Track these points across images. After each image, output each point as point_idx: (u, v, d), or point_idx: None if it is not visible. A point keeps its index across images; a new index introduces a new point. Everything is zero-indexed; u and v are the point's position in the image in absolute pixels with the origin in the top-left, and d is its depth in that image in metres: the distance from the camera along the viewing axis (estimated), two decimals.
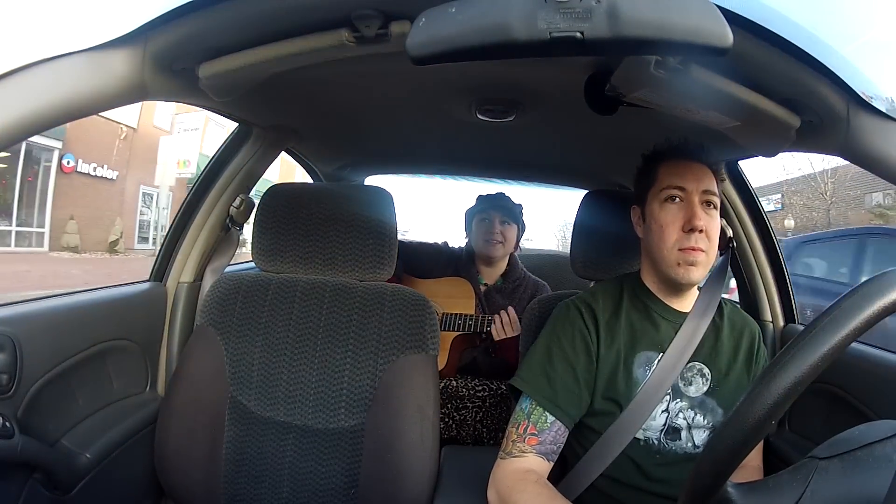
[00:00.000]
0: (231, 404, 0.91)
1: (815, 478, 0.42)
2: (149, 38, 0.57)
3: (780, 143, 0.73)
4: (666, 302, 0.86)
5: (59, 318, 0.88)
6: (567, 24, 0.44)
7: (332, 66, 0.68)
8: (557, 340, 0.85)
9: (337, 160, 1.70)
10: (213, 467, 0.90)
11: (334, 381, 0.91)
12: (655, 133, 0.91)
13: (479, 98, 1.02)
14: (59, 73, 0.50)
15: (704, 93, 0.65)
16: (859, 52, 18.88)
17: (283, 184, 1.06)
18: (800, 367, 0.38)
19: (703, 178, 0.82)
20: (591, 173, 1.68)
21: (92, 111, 0.55)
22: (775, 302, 1.14)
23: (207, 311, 0.96)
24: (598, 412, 0.82)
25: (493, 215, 1.63)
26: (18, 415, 0.75)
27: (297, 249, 0.99)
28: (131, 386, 1.04)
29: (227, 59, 0.66)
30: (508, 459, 0.79)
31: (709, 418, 0.82)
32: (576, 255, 1.02)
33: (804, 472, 0.43)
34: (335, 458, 0.89)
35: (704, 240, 0.80)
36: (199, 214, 1.16)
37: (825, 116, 0.63)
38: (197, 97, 0.77)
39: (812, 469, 0.43)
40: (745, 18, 0.51)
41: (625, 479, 0.80)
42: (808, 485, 0.42)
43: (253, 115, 1.11)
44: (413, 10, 0.49)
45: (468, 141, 1.38)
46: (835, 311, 0.39)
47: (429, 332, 0.92)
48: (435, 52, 0.47)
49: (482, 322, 1.52)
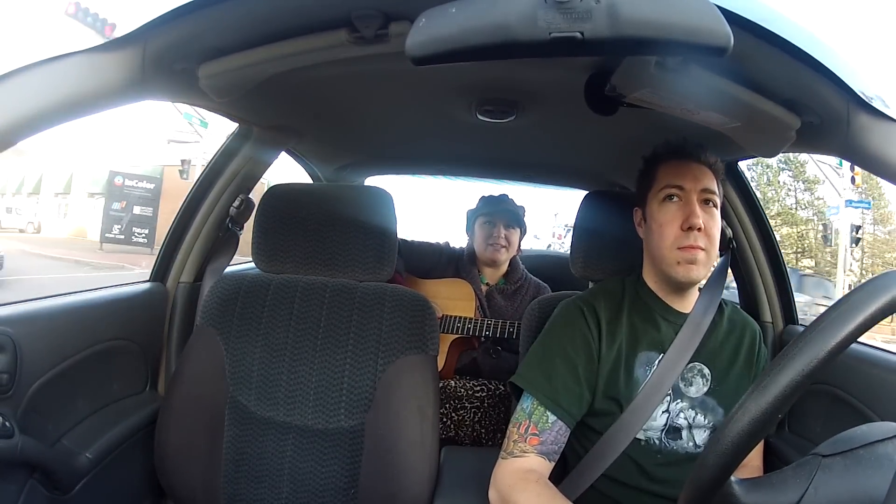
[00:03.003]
0: (231, 404, 0.91)
1: (819, 474, 0.42)
2: (148, 39, 0.57)
3: (780, 144, 0.73)
4: (667, 302, 0.86)
5: (59, 318, 0.88)
6: (567, 25, 0.44)
7: (332, 66, 0.68)
8: (559, 340, 0.85)
9: (337, 160, 1.70)
10: (212, 467, 0.90)
11: (334, 381, 0.91)
12: (655, 133, 0.91)
13: (479, 98, 1.02)
14: (59, 73, 0.50)
15: (704, 93, 0.65)
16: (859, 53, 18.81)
17: (283, 184, 1.06)
18: (810, 356, 0.38)
19: (701, 177, 0.82)
20: (591, 174, 1.68)
21: (92, 111, 0.55)
22: (775, 303, 1.14)
23: (207, 311, 0.96)
24: (598, 412, 0.82)
25: (498, 219, 1.62)
26: (18, 415, 0.74)
27: (296, 250, 0.99)
28: (131, 386, 1.04)
29: (227, 59, 0.66)
30: (510, 459, 0.79)
31: (709, 418, 0.82)
32: (576, 256, 1.02)
33: (808, 469, 0.43)
34: (335, 458, 0.89)
35: (704, 238, 0.80)
36: (200, 214, 1.16)
37: (825, 117, 0.63)
38: (197, 97, 0.77)
39: (816, 466, 0.43)
40: (745, 18, 0.50)
41: (626, 480, 0.80)
42: (811, 481, 0.42)
43: (253, 115, 1.11)
44: (413, 10, 0.49)
45: (468, 141, 1.38)
46: (836, 312, 0.39)
47: (429, 332, 0.92)
48: (435, 53, 0.47)
49: (481, 326, 1.52)
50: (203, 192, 1.17)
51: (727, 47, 0.44)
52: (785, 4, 0.54)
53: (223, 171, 1.17)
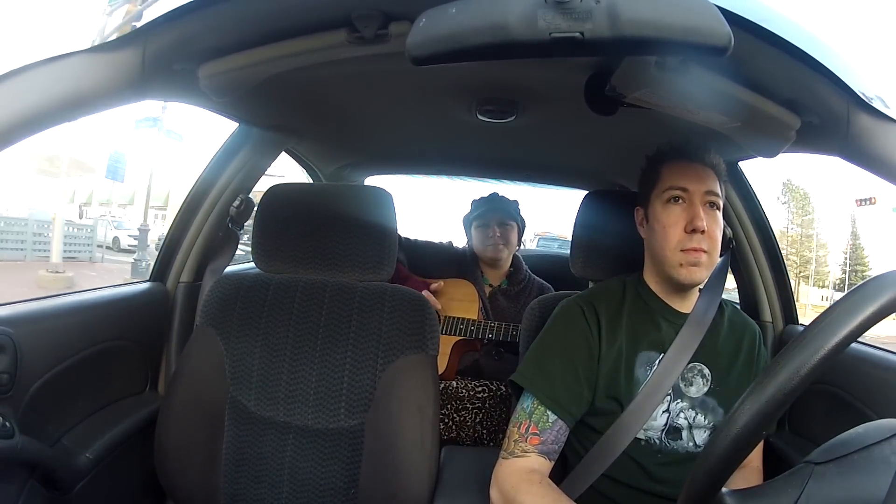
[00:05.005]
0: (231, 404, 0.91)
1: (811, 483, 0.42)
2: (148, 39, 0.57)
3: (780, 144, 0.73)
4: (667, 302, 0.86)
5: (59, 318, 0.88)
6: (567, 25, 0.44)
7: (333, 67, 0.68)
8: (559, 339, 0.85)
9: (337, 160, 1.70)
10: (212, 467, 0.90)
11: (334, 381, 0.91)
12: (655, 133, 0.91)
13: (479, 98, 1.02)
14: (59, 73, 0.50)
15: (704, 93, 0.65)
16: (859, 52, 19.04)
17: (283, 184, 1.06)
18: (789, 378, 0.38)
19: (705, 179, 0.82)
20: (591, 173, 1.68)
21: (92, 111, 0.55)
22: (775, 303, 1.14)
23: (207, 311, 0.96)
24: (599, 411, 0.82)
25: (491, 219, 1.62)
26: (18, 415, 0.74)
27: (297, 250, 0.99)
28: (131, 386, 1.04)
29: (227, 59, 0.66)
30: (511, 459, 0.79)
31: (710, 418, 0.82)
32: (576, 256, 1.02)
33: (799, 478, 0.42)
34: (335, 458, 0.89)
35: (707, 240, 0.80)
36: (200, 214, 1.16)
37: (825, 117, 0.63)
38: (197, 97, 0.77)
39: (807, 474, 0.42)
40: (745, 18, 0.50)
41: (626, 480, 0.80)
42: (803, 490, 0.41)
43: (253, 115, 1.11)
44: (413, 10, 0.49)
45: (468, 141, 1.38)
46: (835, 312, 0.39)
47: (428, 332, 0.92)
48: (435, 53, 0.47)
49: (485, 329, 1.52)
50: (203, 191, 1.17)
51: (727, 47, 0.44)
52: (785, 4, 0.54)
53: (223, 170, 1.17)
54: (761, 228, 1.14)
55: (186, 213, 1.16)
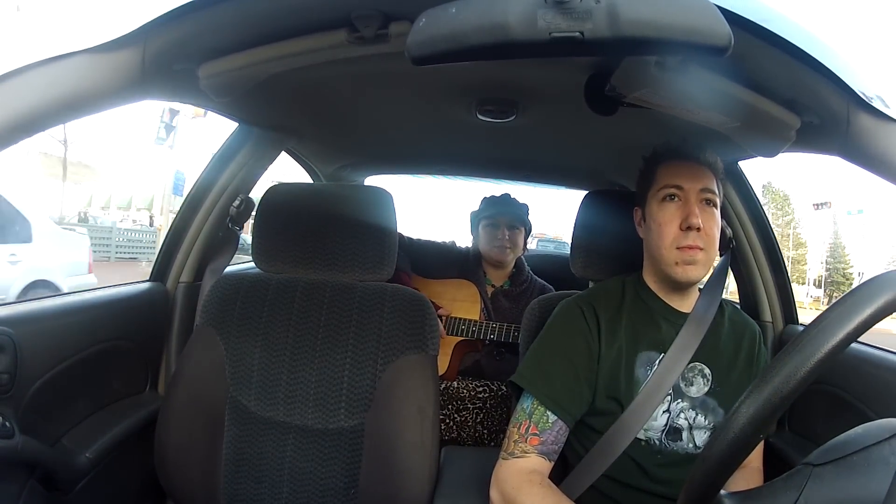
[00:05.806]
0: (231, 404, 0.91)
1: (809, 485, 0.41)
2: (148, 39, 0.57)
3: (780, 144, 0.73)
4: (667, 302, 0.86)
5: (59, 318, 0.88)
6: (567, 25, 0.44)
7: (333, 67, 0.68)
8: (558, 339, 0.85)
9: (337, 160, 1.70)
10: (212, 467, 0.90)
11: (334, 381, 0.91)
12: (655, 133, 0.91)
13: (479, 98, 1.02)
14: (59, 73, 0.50)
15: (704, 93, 0.65)
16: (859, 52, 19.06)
17: (283, 184, 1.06)
18: (786, 381, 0.38)
19: (700, 177, 0.82)
20: (591, 173, 1.68)
21: (92, 111, 0.55)
22: (775, 302, 1.14)
23: (207, 311, 0.96)
24: (599, 411, 0.82)
25: (501, 220, 1.62)
26: (18, 415, 0.74)
27: (296, 249, 0.99)
28: (131, 386, 1.04)
29: (227, 59, 0.66)
30: (511, 460, 0.79)
31: (710, 418, 0.82)
32: (576, 256, 1.02)
33: (798, 480, 0.42)
34: (335, 458, 0.89)
35: (703, 238, 0.80)
36: (200, 214, 1.16)
37: (825, 117, 0.63)
38: (197, 97, 0.77)
39: (806, 476, 0.42)
40: (745, 18, 0.50)
41: (626, 480, 0.80)
42: (801, 492, 0.41)
43: (253, 115, 1.11)
44: (413, 10, 0.49)
45: (468, 141, 1.38)
46: (835, 312, 0.39)
47: (428, 332, 0.92)
48: (435, 53, 0.47)
49: (486, 329, 1.52)
50: (203, 191, 1.17)
51: (727, 47, 0.44)
52: (785, 4, 0.54)
53: (223, 170, 1.17)
54: (761, 228, 1.14)
55: (186, 213, 1.16)
